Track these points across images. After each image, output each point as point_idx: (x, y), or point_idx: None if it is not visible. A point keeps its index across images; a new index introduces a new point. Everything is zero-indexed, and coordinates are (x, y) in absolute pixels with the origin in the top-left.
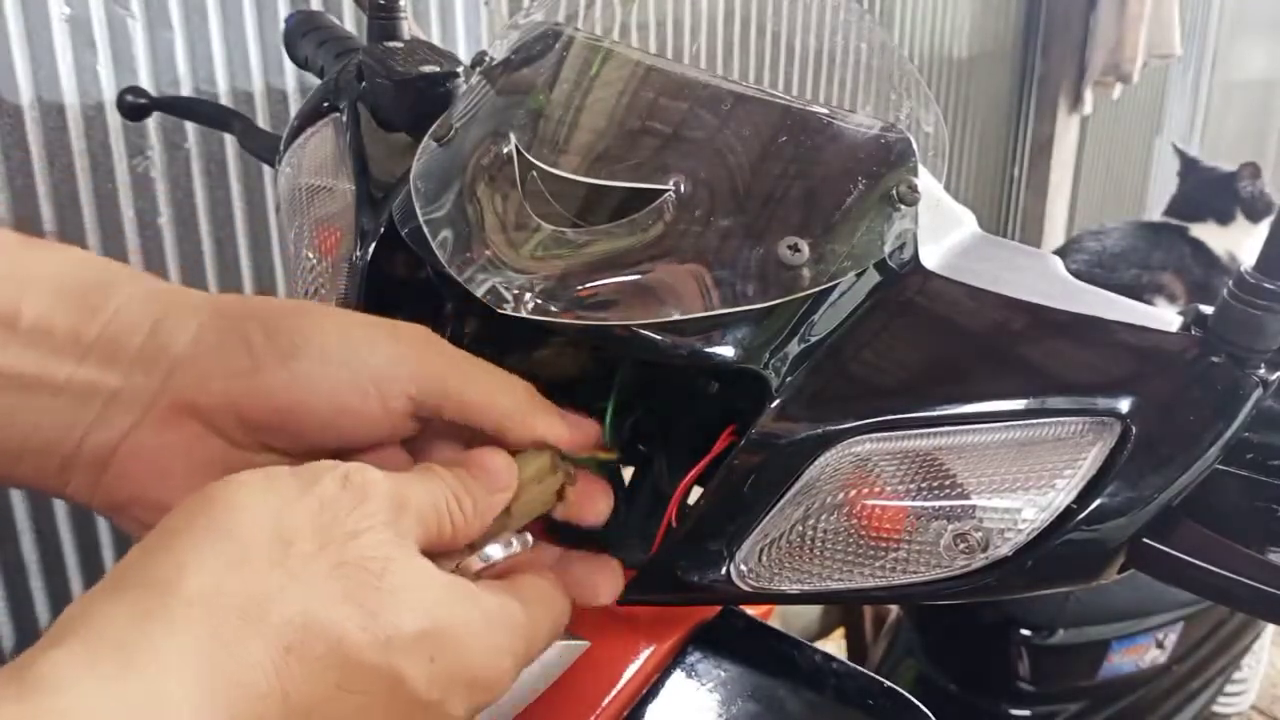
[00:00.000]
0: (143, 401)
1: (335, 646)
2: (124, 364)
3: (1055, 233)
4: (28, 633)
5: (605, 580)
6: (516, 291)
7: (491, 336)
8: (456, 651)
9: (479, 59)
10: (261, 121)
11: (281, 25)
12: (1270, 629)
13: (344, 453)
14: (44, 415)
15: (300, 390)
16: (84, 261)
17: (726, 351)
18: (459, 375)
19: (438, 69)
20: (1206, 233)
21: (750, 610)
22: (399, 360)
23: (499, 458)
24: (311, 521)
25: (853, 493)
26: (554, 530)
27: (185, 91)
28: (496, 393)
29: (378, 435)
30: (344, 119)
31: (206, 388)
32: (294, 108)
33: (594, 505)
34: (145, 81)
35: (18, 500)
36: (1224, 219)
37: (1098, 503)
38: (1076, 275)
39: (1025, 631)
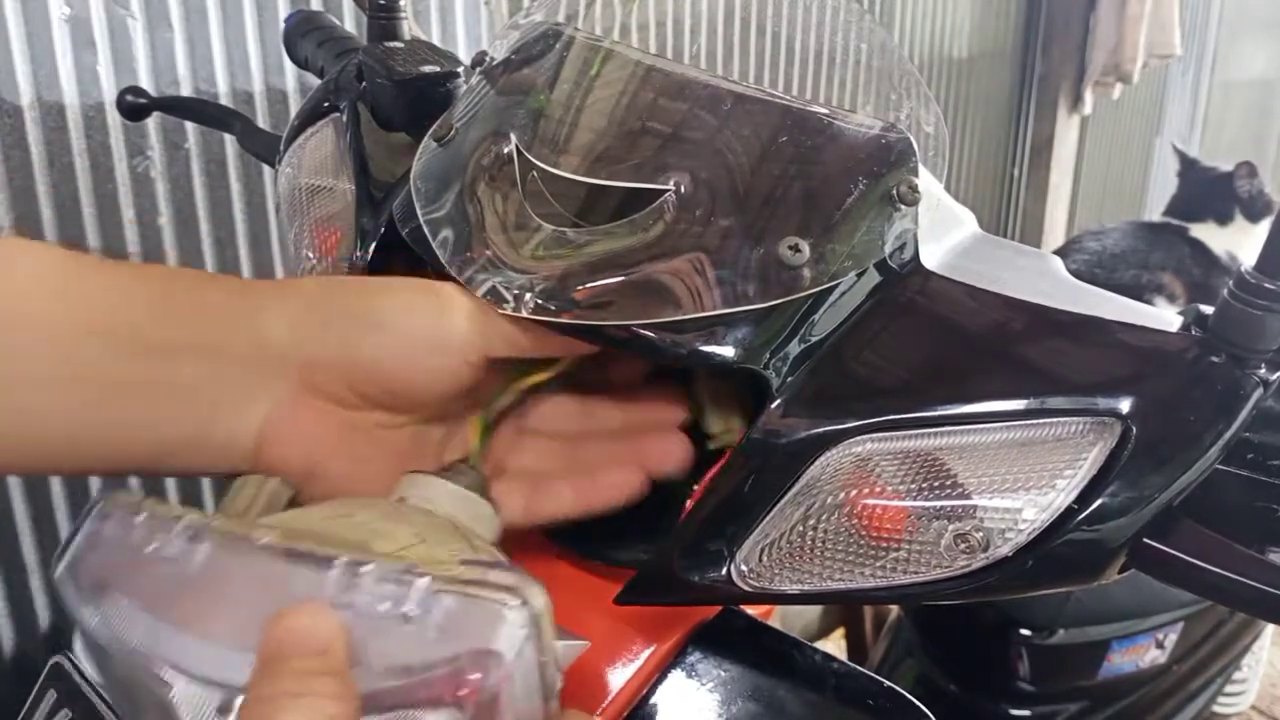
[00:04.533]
0: (270, 390)
1: None
2: (237, 360)
3: (1055, 233)
4: (28, 633)
5: (674, 449)
6: (517, 291)
7: None
8: None
9: (479, 59)
10: (261, 121)
11: (281, 25)
12: (1270, 629)
13: (433, 404)
14: (177, 412)
15: (389, 361)
16: (170, 275)
17: (727, 351)
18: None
19: (438, 69)
20: (1206, 233)
21: (750, 610)
22: (463, 327)
23: (305, 618)
24: None
25: (853, 493)
26: (552, 532)
27: (185, 91)
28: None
29: (458, 387)
30: (344, 119)
31: (319, 368)
32: (294, 108)
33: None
34: (145, 81)
35: (18, 501)
36: (1223, 219)
37: (1098, 503)
38: (1076, 275)
39: (1025, 632)
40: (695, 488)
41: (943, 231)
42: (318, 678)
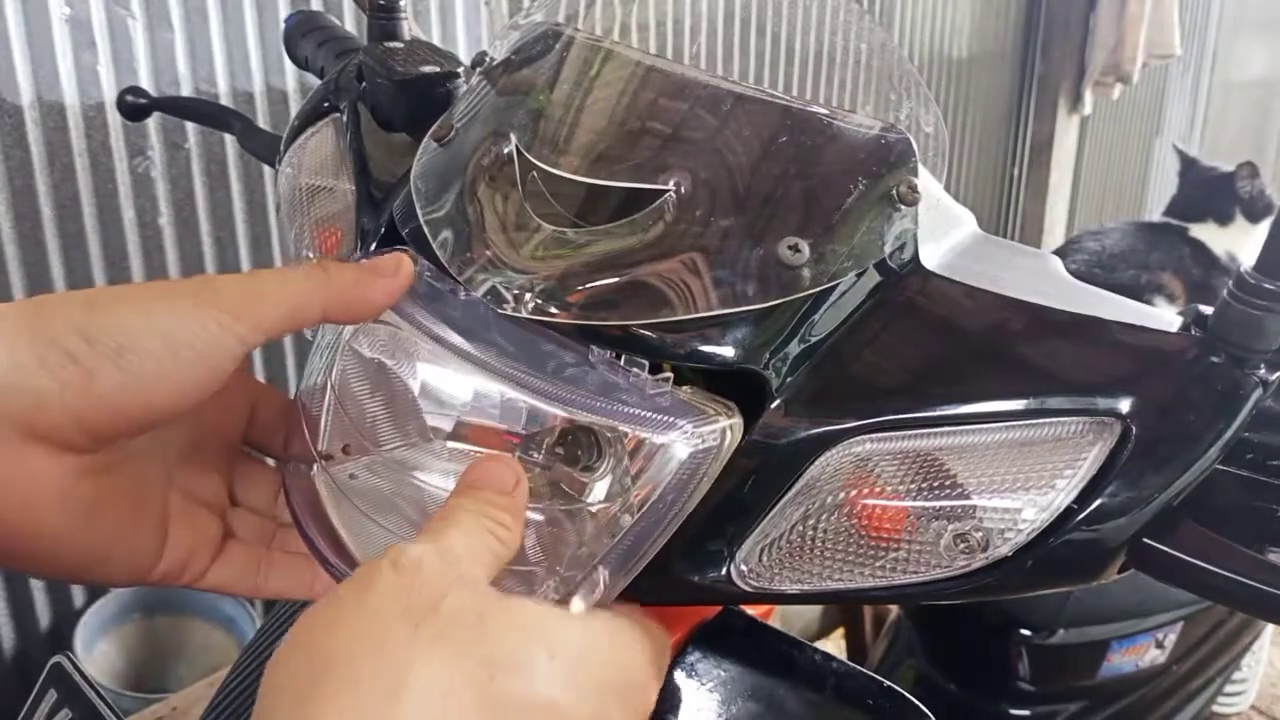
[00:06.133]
0: None
1: (474, 708)
2: None
3: (1055, 233)
4: (28, 633)
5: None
6: (517, 292)
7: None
8: (590, 664)
9: (479, 59)
10: (262, 121)
11: (281, 25)
12: (1270, 629)
13: (187, 417)
14: None
15: (137, 386)
16: None
17: (726, 351)
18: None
19: (438, 69)
20: (1206, 233)
21: (750, 610)
22: (220, 322)
23: (499, 465)
24: (397, 608)
25: (853, 493)
26: None
27: (185, 91)
28: (302, 282)
29: (213, 389)
30: (344, 119)
31: (45, 409)
32: (294, 108)
33: None
34: (145, 81)
35: None
36: (1223, 219)
37: (1098, 503)
38: (1076, 275)
39: (1025, 631)
40: None
41: (942, 231)
42: (498, 509)
